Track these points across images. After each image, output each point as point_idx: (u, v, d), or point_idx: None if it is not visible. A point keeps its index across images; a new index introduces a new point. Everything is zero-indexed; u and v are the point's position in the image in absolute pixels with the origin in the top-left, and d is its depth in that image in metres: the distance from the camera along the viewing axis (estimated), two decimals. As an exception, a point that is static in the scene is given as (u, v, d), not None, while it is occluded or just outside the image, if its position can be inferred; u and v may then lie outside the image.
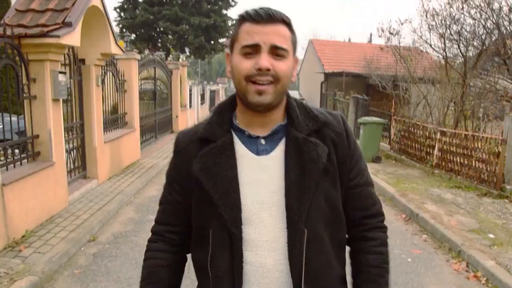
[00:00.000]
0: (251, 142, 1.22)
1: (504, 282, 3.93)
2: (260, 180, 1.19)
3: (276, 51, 1.14)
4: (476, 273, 4.28)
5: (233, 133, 1.24)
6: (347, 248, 1.34)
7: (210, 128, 1.25)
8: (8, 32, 4.77)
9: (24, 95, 5.12)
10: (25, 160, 5.19)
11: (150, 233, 1.40)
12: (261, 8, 1.16)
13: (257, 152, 1.21)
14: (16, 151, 5.09)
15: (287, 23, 1.17)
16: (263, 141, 1.22)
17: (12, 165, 4.89)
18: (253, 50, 1.13)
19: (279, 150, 1.21)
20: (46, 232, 4.95)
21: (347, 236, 1.33)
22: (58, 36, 5.06)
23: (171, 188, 1.33)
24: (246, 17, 1.16)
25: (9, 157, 4.87)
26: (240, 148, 1.22)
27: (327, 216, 1.21)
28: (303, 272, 1.16)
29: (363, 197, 1.30)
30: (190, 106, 18.14)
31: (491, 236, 5.09)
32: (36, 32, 5.03)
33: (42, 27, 5.17)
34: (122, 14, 27.09)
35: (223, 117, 1.27)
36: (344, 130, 1.27)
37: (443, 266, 4.53)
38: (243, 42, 1.15)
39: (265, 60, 1.12)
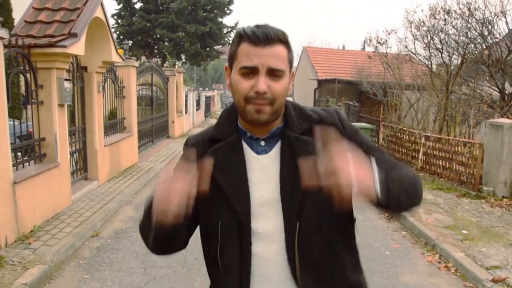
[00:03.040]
0: (252, 143, 1.30)
1: (470, 271, 4.36)
2: (261, 177, 1.27)
3: (273, 72, 1.19)
4: (447, 264, 4.70)
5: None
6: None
7: (219, 129, 1.34)
8: (19, 42, 5.17)
9: (33, 100, 5.52)
10: (33, 161, 5.58)
11: None
12: (258, 28, 1.19)
13: (257, 152, 1.29)
14: (23, 153, 5.47)
15: (284, 41, 1.21)
16: (262, 143, 1.29)
17: (22, 165, 5.27)
18: (251, 71, 1.18)
19: (276, 150, 1.28)
20: (52, 227, 5.33)
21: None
22: (64, 46, 5.48)
23: None
24: (244, 37, 1.19)
25: (19, 158, 5.25)
26: (245, 147, 1.30)
27: (326, 207, 1.18)
28: (297, 263, 1.23)
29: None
30: (186, 112, 18.55)
31: (465, 232, 5.51)
32: (45, 42, 5.44)
33: (50, 37, 5.58)
34: (119, 21, 27.48)
35: (230, 119, 1.33)
36: (339, 120, 1.33)
37: (418, 258, 4.95)
38: (242, 63, 1.19)
39: (262, 83, 1.17)
